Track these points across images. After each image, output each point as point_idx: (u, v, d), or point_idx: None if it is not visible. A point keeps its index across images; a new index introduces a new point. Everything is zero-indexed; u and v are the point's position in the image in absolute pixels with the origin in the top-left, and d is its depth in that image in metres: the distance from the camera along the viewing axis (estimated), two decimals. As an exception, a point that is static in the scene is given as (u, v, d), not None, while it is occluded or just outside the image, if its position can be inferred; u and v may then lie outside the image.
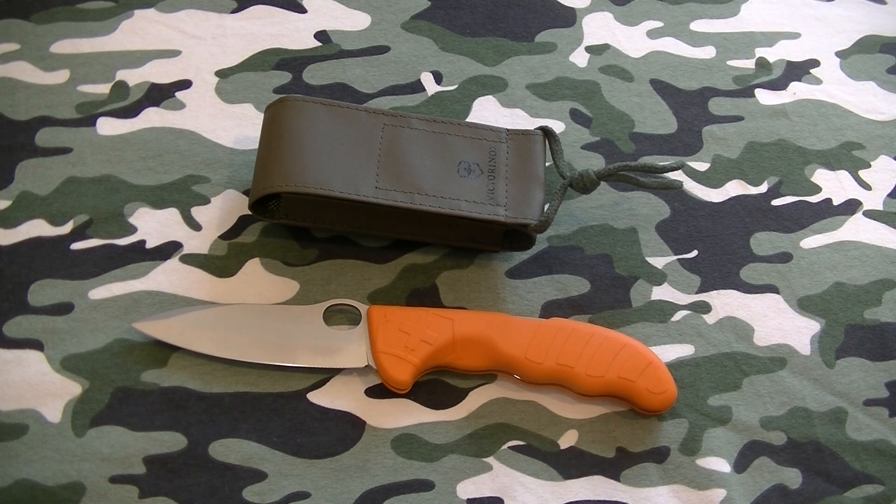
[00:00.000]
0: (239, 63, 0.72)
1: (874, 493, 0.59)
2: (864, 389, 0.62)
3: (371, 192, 0.62)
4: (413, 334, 0.60)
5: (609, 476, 0.59)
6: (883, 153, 0.72)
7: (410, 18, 0.76)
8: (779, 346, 0.64)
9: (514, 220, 0.62)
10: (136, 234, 0.64)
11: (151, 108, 0.70)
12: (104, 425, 0.58)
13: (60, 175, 0.66)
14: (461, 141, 0.65)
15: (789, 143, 0.72)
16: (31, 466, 0.56)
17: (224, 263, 0.64)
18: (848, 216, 0.69)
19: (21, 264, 0.63)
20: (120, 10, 0.74)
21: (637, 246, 0.67)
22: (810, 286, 0.66)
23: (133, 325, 0.60)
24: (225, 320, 0.60)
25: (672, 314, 0.64)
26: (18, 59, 0.71)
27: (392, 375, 0.59)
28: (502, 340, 0.60)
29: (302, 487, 0.57)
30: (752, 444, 0.60)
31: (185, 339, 0.60)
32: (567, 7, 0.78)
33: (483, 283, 0.64)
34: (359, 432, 0.59)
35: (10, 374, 0.59)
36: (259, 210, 0.64)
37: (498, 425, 0.60)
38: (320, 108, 0.65)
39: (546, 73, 0.74)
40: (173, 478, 0.57)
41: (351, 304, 0.62)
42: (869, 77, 0.76)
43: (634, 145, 0.71)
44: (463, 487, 0.58)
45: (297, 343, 0.60)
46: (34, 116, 0.69)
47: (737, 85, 0.75)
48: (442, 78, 0.73)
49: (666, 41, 0.77)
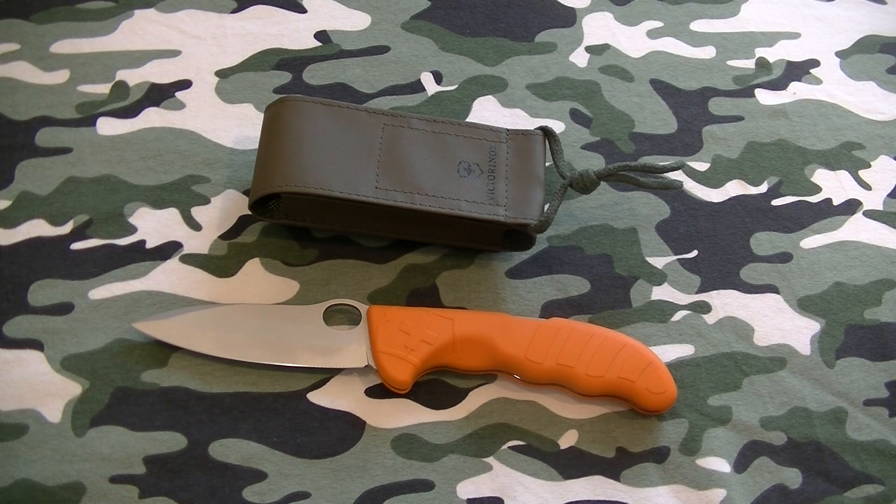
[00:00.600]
0: (239, 63, 0.72)
1: (874, 493, 0.59)
2: (864, 389, 0.62)
3: (371, 192, 0.62)
4: (413, 334, 0.60)
5: (609, 476, 0.59)
6: (883, 153, 0.72)
7: (410, 18, 0.76)
8: (779, 346, 0.64)
9: (514, 220, 0.62)
10: (136, 234, 0.64)
11: (151, 108, 0.70)
12: (104, 425, 0.58)
13: (60, 175, 0.66)
14: (461, 141, 0.65)
15: (789, 143, 0.72)
16: (31, 466, 0.56)
17: (224, 263, 0.64)
18: (848, 216, 0.69)
19: (21, 264, 0.63)
20: (120, 10, 0.74)
21: (637, 246, 0.67)
22: (810, 286, 0.66)
23: (133, 324, 0.60)
24: (225, 320, 0.60)
25: (672, 314, 0.64)
26: (18, 59, 0.71)
27: (392, 375, 0.59)
28: (502, 340, 0.60)
29: (302, 487, 0.57)
30: (752, 444, 0.60)
31: (185, 339, 0.60)
32: (567, 7, 0.78)
33: (483, 283, 0.64)
34: (359, 432, 0.59)
35: (10, 374, 0.59)
36: (259, 210, 0.64)
37: (498, 425, 0.60)
38: (320, 108, 0.65)
39: (546, 73, 0.74)
40: (173, 478, 0.57)
41: (351, 304, 0.62)
42: (869, 77, 0.76)
43: (634, 145, 0.71)
44: (463, 487, 0.58)
45: (297, 343, 0.60)
46: (34, 116, 0.69)
47: (737, 85, 0.75)
48: (442, 78, 0.73)
49: (666, 41, 0.77)
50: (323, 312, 0.61)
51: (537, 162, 0.65)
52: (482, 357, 0.60)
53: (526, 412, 0.60)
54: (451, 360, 0.60)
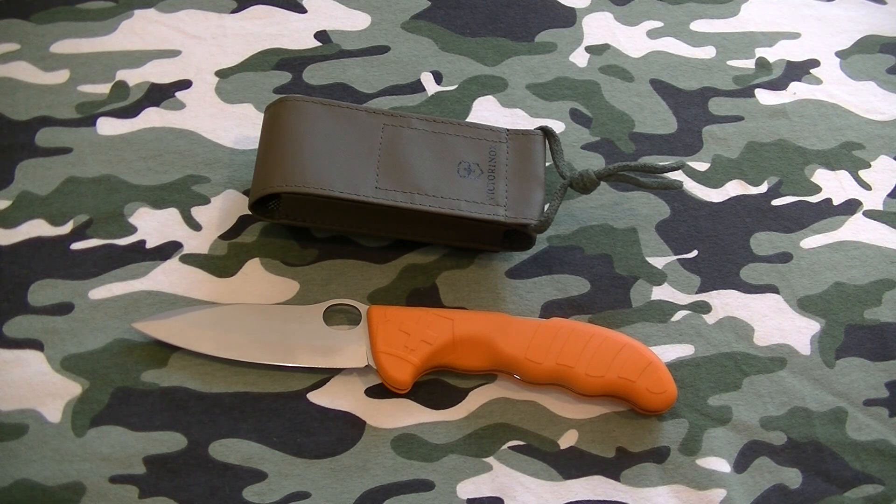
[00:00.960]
0: (239, 63, 0.72)
1: (874, 493, 0.59)
2: (864, 389, 0.62)
3: (371, 192, 0.62)
4: (413, 334, 0.60)
5: (609, 476, 0.59)
6: (883, 153, 0.72)
7: (410, 18, 0.76)
8: (779, 346, 0.64)
9: (514, 220, 0.62)
10: (136, 234, 0.64)
11: (151, 108, 0.70)
12: (104, 425, 0.58)
13: (60, 175, 0.66)
14: (461, 141, 0.65)
15: (789, 143, 0.72)
16: (31, 466, 0.56)
17: (224, 263, 0.64)
18: (848, 216, 0.69)
19: (21, 264, 0.63)
20: (120, 10, 0.74)
21: (637, 246, 0.67)
22: (810, 286, 0.66)
23: (133, 325, 0.60)
24: (225, 320, 0.60)
25: (672, 314, 0.64)
26: (18, 59, 0.71)
27: (392, 375, 0.59)
28: (502, 340, 0.60)
29: (302, 487, 0.57)
30: (752, 444, 0.60)
31: (185, 339, 0.60)
32: (567, 7, 0.78)
33: (483, 283, 0.64)
34: (359, 432, 0.59)
35: (10, 374, 0.59)
36: (259, 210, 0.64)
37: (498, 425, 0.60)
38: (320, 108, 0.65)
39: (546, 73, 0.74)
40: (173, 478, 0.57)
41: (351, 304, 0.62)
42: (869, 77, 0.76)
43: (634, 145, 0.71)
44: (463, 487, 0.58)
45: (297, 343, 0.60)
46: (34, 116, 0.69)
47: (737, 85, 0.75)
48: (442, 78, 0.73)
49: (666, 41, 0.77)
50: (323, 312, 0.61)
51: (537, 162, 0.65)
52: (482, 357, 0.60)
53: (526, 412, 0.60)
54: (452, 361, 0.60)
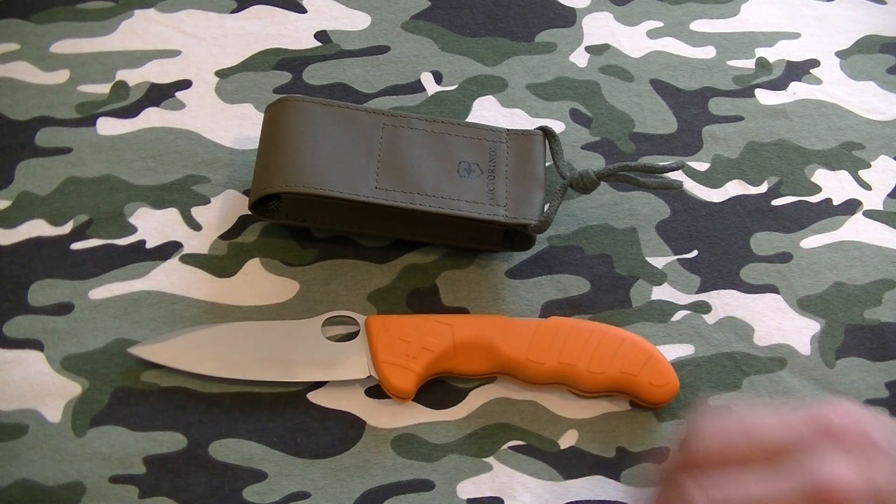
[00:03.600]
0: (239, 63, 0.72)
1: (874, 493, 0.59)
2: (864, 389, 0.62)
3: (371, 192, 0.62)
4: (413, 342, 0.60)
5: (609, 476, 0.59)
6: (883, 153, 0.72)
7: (410, 18, 0.76)
8: (779, 346, 0.64)
9: (514, 220, 0.62)
10: (136, 234, 0.64)
11: (151, 108, 0.70)
12: (104, 425, 0.58)
13: (60, 175, 0.66)
14: (461, 141, 0.65)
15: (789, 143, 0.72)
16: (31, 466, 0.56)
17: (224, 263, 0.64)
18: (848, 216, 0.69)
19: (21, 264, 0.63)
20: (120, 10, 0.74)
21: (637, 246, 0.67)
22: (810, 286, 0.66)
23: (130, 350, 0.59)
24: (222, 340, 0.60)
25: (672, 314, 0.64)
26: (18, 59, 0.71)
27: (395, 385, 0.59)
28: (503, 342, 0.60)
29: (302, 487, 0.57)
30: (752, 444, 0.60)
31: (183, 361, 0.59)
32: (567, 7, 0.78)
33: (483, 283, 0.64)
34: (359, 432, 0.59)
35: (10, 374, 0.59)
36: (259, 210, 0.64)
37: (498, 425, 0.60)
38: (320, 108, 0.65)
39: (546, 73, 0.74)
40: (173, 478, 0.57)
41: (348, 315, 0.62)
42: (869, 77, 0.76)
43: (634, 145, 0.71)
44: (463, 487, 0.58)
45: (298, 358, 0.60)
46: (34, 116, 0.69)
47: (737, 85, 0.75)
48: (442, 78, 0.73)
49: (666, 41, 0.77)
50: (321, 325, 0.61)
51: (537, 162, 0.65)
52: (484, 360, 0.60)
53: (526, 412, 0.60)
54: (454, 366, 0.60)
